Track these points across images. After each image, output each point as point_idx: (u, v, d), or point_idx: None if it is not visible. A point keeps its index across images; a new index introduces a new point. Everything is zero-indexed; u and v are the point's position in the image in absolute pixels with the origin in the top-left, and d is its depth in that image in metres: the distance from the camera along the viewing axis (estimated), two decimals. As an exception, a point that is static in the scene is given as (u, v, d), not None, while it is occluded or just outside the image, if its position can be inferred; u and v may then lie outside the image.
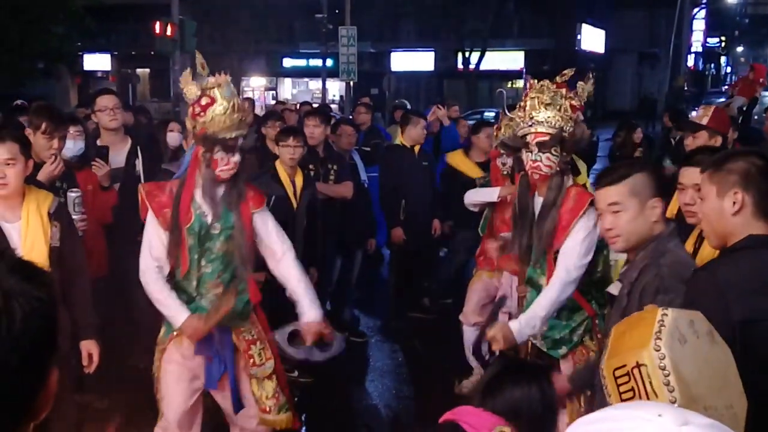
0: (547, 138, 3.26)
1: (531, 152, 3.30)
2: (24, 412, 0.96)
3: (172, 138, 6.17)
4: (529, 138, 3.31)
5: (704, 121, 4.34)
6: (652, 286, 2.40)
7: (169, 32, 15.65)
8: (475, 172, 6.05)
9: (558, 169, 3.34)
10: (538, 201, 3.46)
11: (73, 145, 4.59)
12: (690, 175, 3.02)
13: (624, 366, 1.30)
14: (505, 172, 4.85)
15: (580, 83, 3.42)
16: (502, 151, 4.66)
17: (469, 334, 5.04)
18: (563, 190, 3.37)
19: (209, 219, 3.44)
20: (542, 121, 3.28)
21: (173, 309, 3.39)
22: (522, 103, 3.41)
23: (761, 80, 9.15)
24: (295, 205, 5.20)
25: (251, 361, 3.57)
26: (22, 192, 3.42)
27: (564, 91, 3.34)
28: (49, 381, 0.98)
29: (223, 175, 3.38)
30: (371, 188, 6.72)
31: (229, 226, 3.44)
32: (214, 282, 3.48)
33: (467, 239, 6.00)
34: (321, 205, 5.54)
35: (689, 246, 3.12)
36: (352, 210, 6.09)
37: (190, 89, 3.36)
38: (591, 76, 3.51)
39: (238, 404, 3.60)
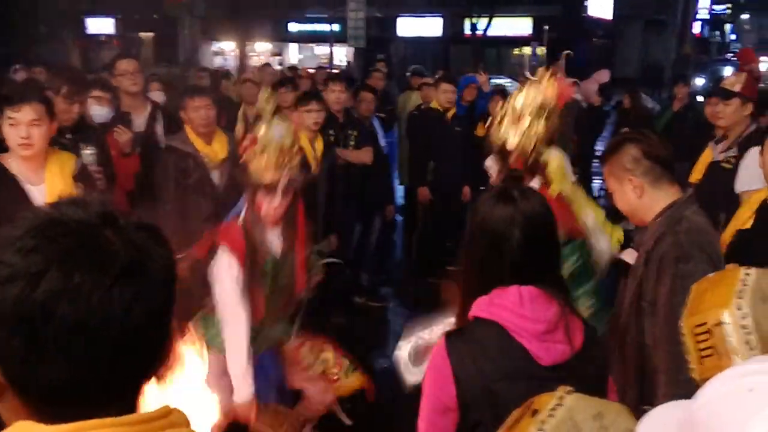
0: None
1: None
2: (153, 363, 0.97)
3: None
4: None
5: (737, 88, 4.31)
6: (671, 255, 2.38)
7: (178, -4, 15.51)
8: None
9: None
10: None
11: (106, 112, 4.55)
12: None
13: (704, 324, 1.31)
14: None
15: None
16: None
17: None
18: None
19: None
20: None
21: (248, 383, 3.15)
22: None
23: None
24: (315, 170, 5.18)
25: (302, 365, 3.47)
26: (45, 154, 3.42)
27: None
28: (171, 336, 0.99)
29: (267, 218, 3.18)
30: (389, 154, 6.74)
31: (283, 258, 3.30)
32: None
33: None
34: (340, 170, 5.53)
35: (762, 194, 3.22)
36: (372, 176, 6.09)
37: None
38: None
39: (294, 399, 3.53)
